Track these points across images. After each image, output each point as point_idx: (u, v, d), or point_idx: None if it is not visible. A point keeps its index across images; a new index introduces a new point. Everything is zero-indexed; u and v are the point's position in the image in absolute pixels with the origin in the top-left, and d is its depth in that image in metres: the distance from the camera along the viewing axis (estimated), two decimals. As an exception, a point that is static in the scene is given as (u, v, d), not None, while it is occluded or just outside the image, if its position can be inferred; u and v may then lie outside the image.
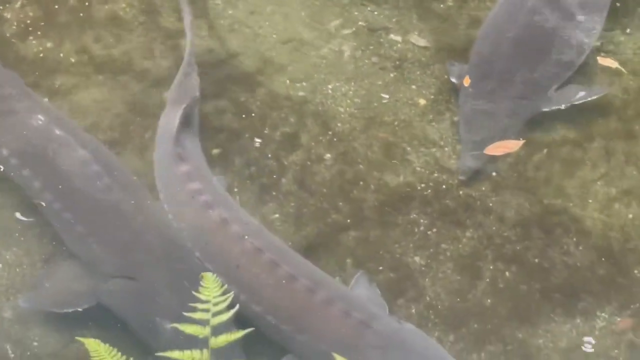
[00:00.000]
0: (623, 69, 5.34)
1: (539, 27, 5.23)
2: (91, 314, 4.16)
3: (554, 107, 5.05)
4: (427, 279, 4.54)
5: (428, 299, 4.46)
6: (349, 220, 4.78)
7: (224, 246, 4.19)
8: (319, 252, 4.64)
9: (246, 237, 4.18)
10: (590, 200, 4.83)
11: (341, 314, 3.93)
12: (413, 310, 4.41)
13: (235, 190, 4.86)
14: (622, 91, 5.31)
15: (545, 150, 5.04)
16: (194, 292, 3.55)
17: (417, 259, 4.62)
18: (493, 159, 4.95)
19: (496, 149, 4.88)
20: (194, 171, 4.53)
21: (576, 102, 5.04)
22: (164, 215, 4.41)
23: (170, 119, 4.70)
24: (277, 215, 4.79)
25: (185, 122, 4.70)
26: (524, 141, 4.93)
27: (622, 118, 5.17)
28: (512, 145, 4.90)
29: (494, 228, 4.73)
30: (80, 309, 4.12)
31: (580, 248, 4.63)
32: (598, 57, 5.36)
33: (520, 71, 5.13)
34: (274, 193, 4.89)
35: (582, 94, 5.06)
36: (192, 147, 4.68)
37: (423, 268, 4.58)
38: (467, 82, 5.14)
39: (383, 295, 4.41)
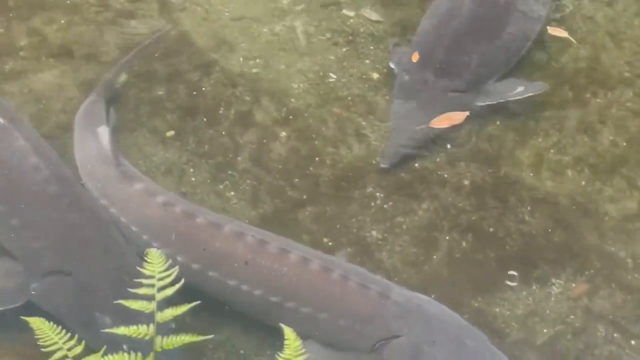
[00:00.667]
0: (572, 39, 5.38)
1: (482, 16, 5.19)
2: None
3: (488, 102, 5.01)
4: (384, 252, 4.54)
5: (385, 271, 4.43)
6: (305, 197, 4.77)
7: (226, 246, 4.10)
8: (275, 228, 4.54)
9: (250, 234, 4.11)
10: (543, 169, 4.87)
11: (359, 288, 3.91)
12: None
13: (191, 170, 4.86)
14: (573, 60, 5.36)
15: (498, 122, 5.07)
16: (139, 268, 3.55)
17: (374, 232, 4.63)
18: (422, 145, 4.95)
19: (441, 121, 4.87)
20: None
21: (512, 99, 4.98)
22: (102, 208, 4.34)
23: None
24: (233, 193, 4.78)
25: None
26: (468, 113, 4.91)
27: (574, 87, 5.21)
28: (458, 117, 4.89)
29: (449, 199, 4.75)
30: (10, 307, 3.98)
31: (535, 216, 4.66)
32: (548, 27, 5.38)
33: (458, 63, 5.08)
34: (229, 172, 4.88)
35: (520, 89, 4.99)
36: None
37: (380, 242, 4.58)
38: (415, 58, 5.11)
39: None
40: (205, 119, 5.10)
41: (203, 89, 5.24)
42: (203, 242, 4.07)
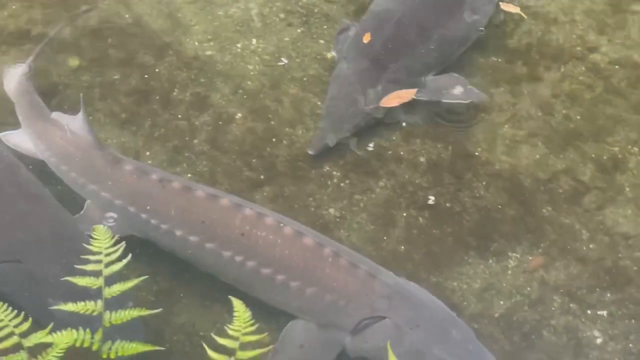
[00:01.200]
0: (524, 14, 5.40)
1: (425, 8, 5.13)
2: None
3: (422, 98, 4.93)
4: (342, 230, 4.56)
5: None
6: (262, 177, 4.78)
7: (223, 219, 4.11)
8: None
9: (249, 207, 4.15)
10: (498, 144, 4.89)
11: (349, 266, 3.93)
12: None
13: (147, 153, 4.84)
14: (526, 35, 5.38)
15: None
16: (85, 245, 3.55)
17: (331, 210, 4.64)
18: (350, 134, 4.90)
19: (391, 100, 4.86)
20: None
21: (447, 100, 4.94)
22: (49, 195, 4.31)
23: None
24: (190, 175, 4.76)
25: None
26: (416, 90, 4.89)
27: (527, 62, 5.23)
28: (406, 95, 4.87)
29: (406, 176, 4.77)
30: None
31: (490, 191, 4.69)
32: (500, 3, 5.39)
33: (396, 54, 5.01)
34: (186, 154, 4.87)
35: (458, 91, 4.93)
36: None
37: (338, 219, 4.60)
38: (366, 38, 5.05)
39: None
40: (160, 102, 5.09)
41: (157, 72, 5.22)
42: (202, 215, 4.10)
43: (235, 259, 4.03)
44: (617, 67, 5.17)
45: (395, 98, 4.86)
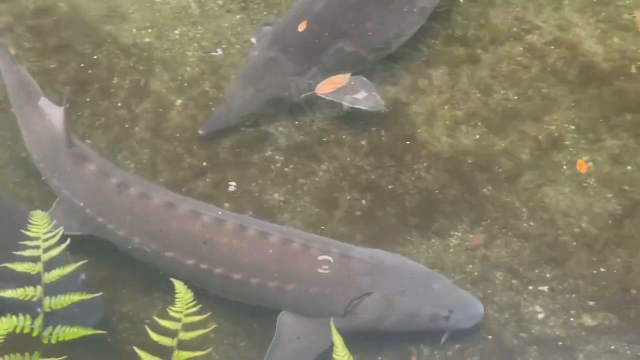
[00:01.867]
0: (460, -3, 5.44)
1: (345, 6, 5.01)
2: None
3: (325, 97, 4.85)
4: (285, 214, 4.57)
5: None
6: (205, 164, 4.78)
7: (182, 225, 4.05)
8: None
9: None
10: (438, 125, 4.91)
11: (321, 254, 3.94)
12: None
13: (88, 141, 4.78)
14: (462, 17, 5.39)
15: (392, 80, 5.09)
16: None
17: (275, 195, 4.65)
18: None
19: (325, 87, 4.82)
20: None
21: (346, 104, 4.83)
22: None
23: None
24: (132, 165, 4.75)
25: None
26: (350, 74, 4.85)
27: (464, 44, 5.25)
28: (340, 80, 4.84)
29: (348, 159, 4.79)
30: None
31: (431, 172, 4.72)
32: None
33: (306, 51, 4.93)
34: (127, 142, 4.84)
35: (361, 96, 4.83)
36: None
37: (282, 204, 4.61)
38: (302, 27, 4.93)
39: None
40: (99, 91, 5.04)
41: (96, 60, 5.18)
42: (160, 223, 4.04)
43: (201, 267, 4.00)
44: (552, 47, 5.19)
45: (329, 84, 4.82)
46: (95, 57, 5.19)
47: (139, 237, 4.05)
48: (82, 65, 5.15)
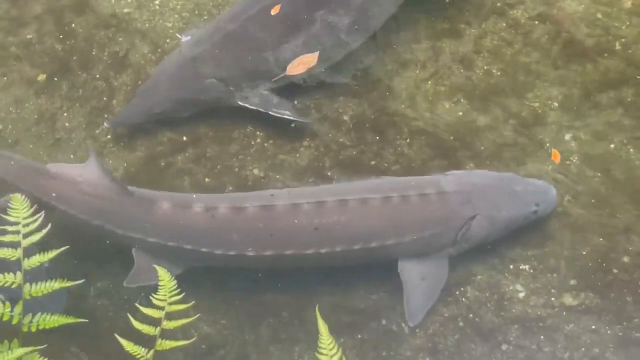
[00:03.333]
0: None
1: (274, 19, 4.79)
2: None
3: (246, 105, 4.72)
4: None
5: None
6: (185, 138, 4.75)
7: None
8: (154, 171, 4.61)
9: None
10: (421, 100, 4.89)
11: (420, 199, 4.11)
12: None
13: (65, 115, 4.75)
14: (445, -8, 5.35)
15: (374, 55, 5.04)
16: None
17: (255, 171, 4.63)
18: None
19: (296, 67, 4.70)
20: None
21: (272, 113, 4.69)
22: None
23: None
24: (109, 137, 4.72)
25: None
26: (318, 52, 4.71)
27: (448, 18, 5.19)
28: (310, 60, 4.70)
29: (329, 135, 4.76)
30: None
31: (414, 148, 4.69)
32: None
33: (229, 56, 4.76)
34: (105, 115, 4.80)
35: (284, 111, 4.70)
36: None
37: (262, 180, 4.59)
38: (275, 10, 4.76)
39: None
40: (78, 62, 4.99)
41: (74, 29, 5.12)
42: (268, 228, 4.04)
43: (321, 252, 4.04)
44: (536, 22, 5.16)
45: (300, 65, 4.70)
46: (73, 27, 5.13)
47: (254, 248, 4.03)
48: (60, 36, 5.09)
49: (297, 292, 4.21)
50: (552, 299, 4.20)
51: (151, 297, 3.31)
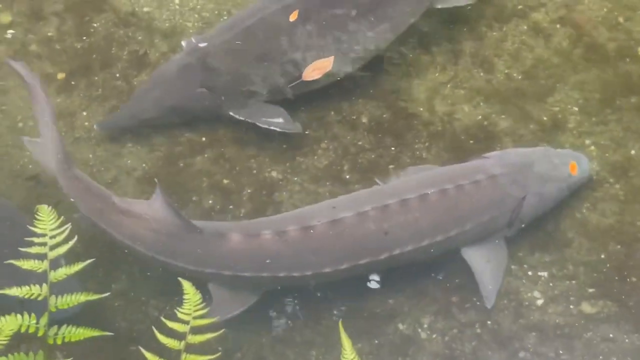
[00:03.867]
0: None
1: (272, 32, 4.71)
2: None
3: (236, 116, 4.65)
4: (284, 192, 4.55)
5: (284, 209, 4.47)
6: (204, 139, 4.74)
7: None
8: (173, 172, 4.61)
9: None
10: (439, 103, 4.85)
11: (473, 186, 4.16)
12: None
13: (84, 114, 4.76)
14: (466, -7, 5.29)
15: (394, 58, 5.02)
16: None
17: (274, 173, 4.62)
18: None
19: (312, 73, 4.63)
20: None
21: (260, 124, 4.60)
22: None
23: None
24: (128, 136, 4.72)
25: None
26: (333, 57, 4.63)
27: (468, 20, 5.15)
28: (326, 64, 4.62)
29: (348, 138, 4.74)
30: None
31: (432, 152, 4.67)
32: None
33: (224, 67, 4.67)
34: (124, 115, 4.78)
35: (277, 120, 4.62)
36: None
37: (280, 182, 4.58)
38: (293, 17, 4.67)
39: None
40: (97, 61, 4.99)
41: (94, 29, 5.11)
42: (341, 242, 4.02)
43: (394, 254, 4.06)
44: (558, 26, 5.13)
45: (316, 70, 4.63)
46: (93, 25, 5.13)
47: (330, 264, 4.01)
48: (80, 34, 5.09)
49: (313, 296, 4.19)
50: (571, 306, 4.19)
51: (176, 311, 3.27)
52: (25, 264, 3.33)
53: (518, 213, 4.22)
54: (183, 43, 4.79)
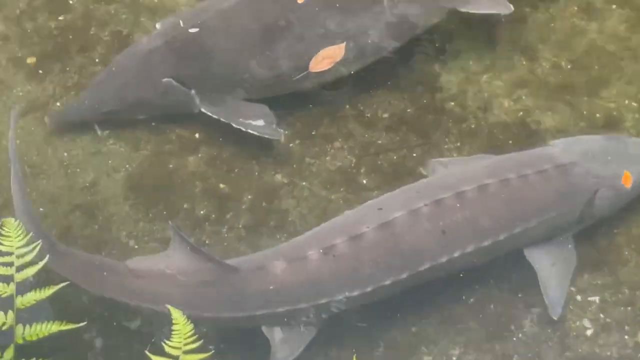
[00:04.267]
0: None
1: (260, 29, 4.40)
2: None
3: (209, 113, 4.32)
4: (290, 199, 4.30)
5: (292, 223, 4.22)
6: (197, 135, 4.49)
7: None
8: (161, 174, 4.36)
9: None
10: (473, 97, 4.61)
11: (540, 177, 3.94)
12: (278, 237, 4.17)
13: (57, 104, 4.56)
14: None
15: (417, 43, 4.72)
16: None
17: (278, 176, 4.39)
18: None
19: (322, 62, 4.34)
20: None
21: (235, 125, 4.28)
22: None
23: None
24: (108, 132, 4.50)
25: None
26: (344, 43, 4.35)
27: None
28: (338, 52, 4.32)
29: (365, 136, 4.50)
30: None
31: (464, 153, 4.41)
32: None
33: (199, 59, 4.36)
34: (103, 107, 4.68)
35: (258, 122, 4.31)
36: None
37: (286, 186, 4.34)
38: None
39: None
40: (74, 43, 4.79)
41: (70, 4, 4.92)
42: (393, 249, 3.80)
43: (455, 256, 3.85)
44: (614, 7, 4.87)
45: (325, 59, 4.35)
46: (70, 2, 4.96)
47: (390, 275, 3.77)
48: (53, 11, 4.90)
49: (323, 323, 3.86)
50: (626, 336, 3.93)
51: (163, 343, 3.08)
52: None
53: (590, 208, 4.01)
54: (157, 25, 4.51)
